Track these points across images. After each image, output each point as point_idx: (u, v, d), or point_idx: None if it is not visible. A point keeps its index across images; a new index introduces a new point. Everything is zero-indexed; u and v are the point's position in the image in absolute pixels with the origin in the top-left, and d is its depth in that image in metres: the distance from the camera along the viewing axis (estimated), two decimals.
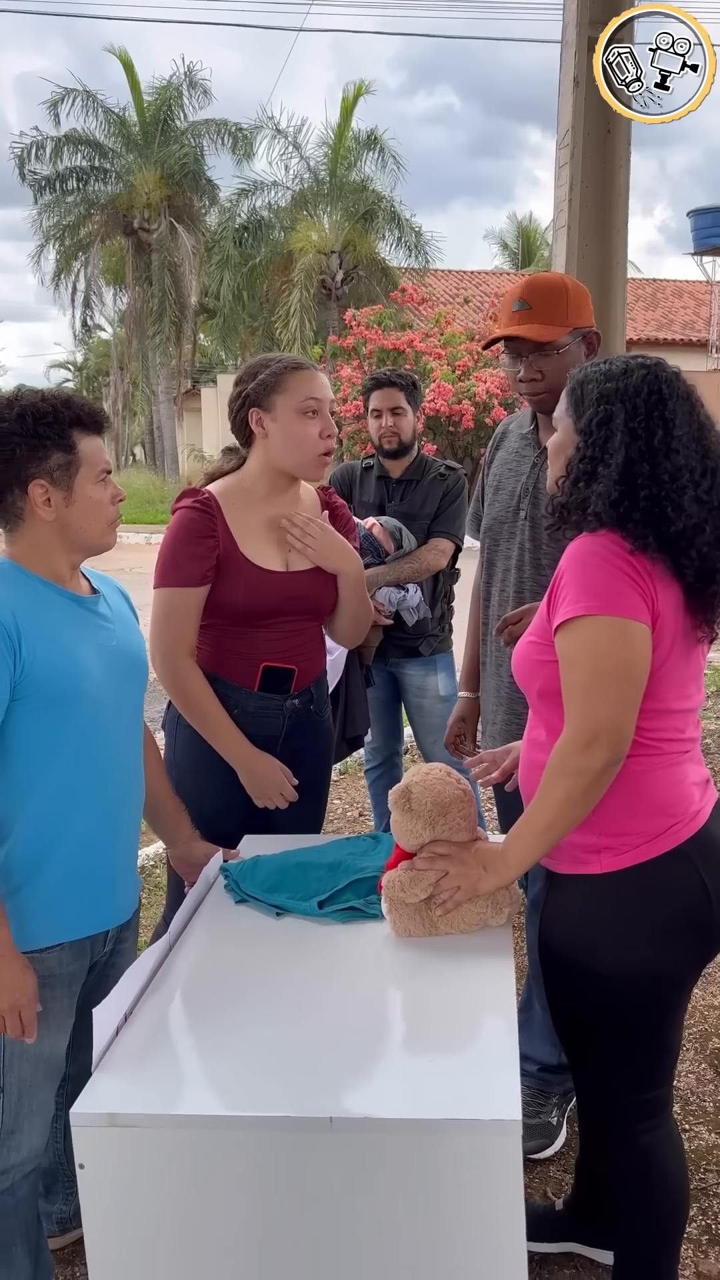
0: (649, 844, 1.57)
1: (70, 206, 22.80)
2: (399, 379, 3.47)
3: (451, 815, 1.67)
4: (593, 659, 1.49)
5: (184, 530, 2.13)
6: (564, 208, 4.57)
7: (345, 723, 3.10)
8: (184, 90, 22.67)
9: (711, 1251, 2.07)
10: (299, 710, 2.26)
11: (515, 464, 2.30)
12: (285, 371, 2.14)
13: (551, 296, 2.11)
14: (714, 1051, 2.74)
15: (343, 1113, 1.26)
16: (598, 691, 1.49)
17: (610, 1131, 1.73)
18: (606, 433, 1.54)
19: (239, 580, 2.14)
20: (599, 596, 1.49)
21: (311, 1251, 1.30)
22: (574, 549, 1.56)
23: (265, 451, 2.18)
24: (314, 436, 2.15)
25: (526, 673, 1.65)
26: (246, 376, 2.19)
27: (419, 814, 1.66)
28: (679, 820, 1.58)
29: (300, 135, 21.18)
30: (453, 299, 21.05)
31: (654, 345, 20.31)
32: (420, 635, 3.38)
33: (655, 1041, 1.65)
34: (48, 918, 1.71)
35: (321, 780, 2.42)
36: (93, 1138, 1.28)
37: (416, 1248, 1.27)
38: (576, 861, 1.61)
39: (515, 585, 2.26)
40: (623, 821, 1.57)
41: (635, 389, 1.55)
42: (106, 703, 1.74)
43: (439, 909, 1.66)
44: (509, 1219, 1.25)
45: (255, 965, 1.63)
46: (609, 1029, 1.63)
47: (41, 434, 1.67)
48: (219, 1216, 1.30)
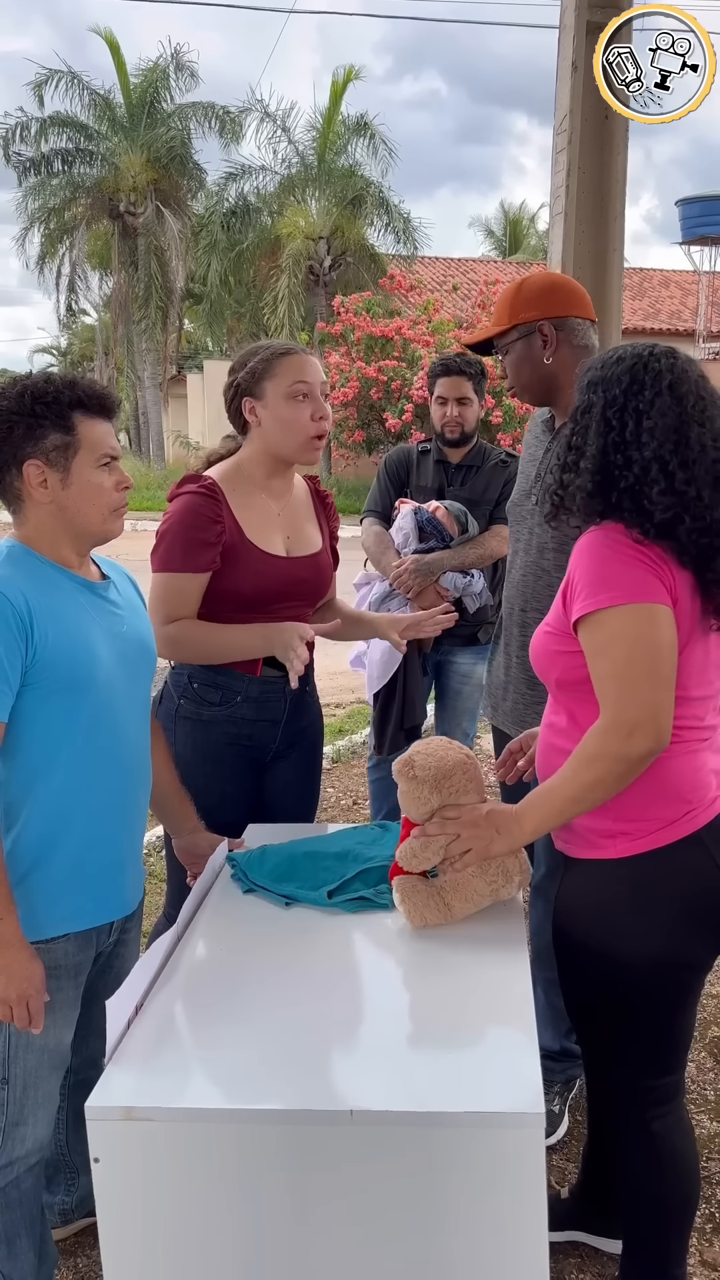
0: (665, 830, 1.57)
1: (55, 189, 22.53)
2: (468, 367, 3.36)
3: (456, 778, 1.67)
4: (624, 647, 1.49)
5: (191, 515, 2.11)
6: (561, 194, 4.54)
7: (404, 712, 3.14)
8: (170, 72, 22.43)
9: (716, 1239, 2.07)
10: (297, 691, 2.26)
11: (533, 449, 2.33)
12: (274, 358, 2.14)
13: (503, 299, 2.19)
14: (714, 1040, 2.74)
15: (362, 1106, 1.24)
16: (633, 679, 1.49)
17: (622, 1118, 1.73)
18: (587, 421, 1.56)
19: (247, 567, 2.13)
20: (617, 586, 1.49)
21: (330, 1245, 1.29)
22: (583, 542, 1.57)
23: (260, 438, 2.18)
24: (305, 420, 2.14)
25: (544, 662, 1.65)
26: (237, 367, 2.19)
27: (423, 780, 1.66)
28: (696, 807, 1.59)
29: (289, 119, 21.02)
30: (440, 286, 20.98)
31: (641, 335, 20.30)
32: (480, 622, 3.32)
33: (669, 1027, 1.65)
34: (55, 907, 1.68)
35: (317, 759, 2.44)
36: (108, 1131, 1.27)
37: (438, 1241, 1.26)
38: (591, 846, 1.61)
39: (522, 569, 2.28)
40: (640, 807, 1.57)
41: (617, 379, 1.56)
42: (116, 690, 1.72)
43: (448, 867, 1.65)
44: (531, 1212, 1.24)
45: (265, 956, 1.61)
46: (623, 1013, 1.63)
47: (39, 414, 1.64)
48: (236, 1210, 1.28)
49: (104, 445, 1.70)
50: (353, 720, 5.69)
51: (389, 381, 15.25)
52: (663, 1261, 1.74)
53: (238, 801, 2.21)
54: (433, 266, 23.31)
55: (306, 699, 2.33)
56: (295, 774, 2.33)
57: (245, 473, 2.20)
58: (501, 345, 2.18)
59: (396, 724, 3.15)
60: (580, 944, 1.64)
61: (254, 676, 2.19)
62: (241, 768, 2.23)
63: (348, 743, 5.25)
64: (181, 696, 2.21)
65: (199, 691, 2.19)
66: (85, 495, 1.69)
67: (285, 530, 2.22)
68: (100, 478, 1.70)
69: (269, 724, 2.23)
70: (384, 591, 3.19)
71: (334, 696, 6.15)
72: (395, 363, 15.35)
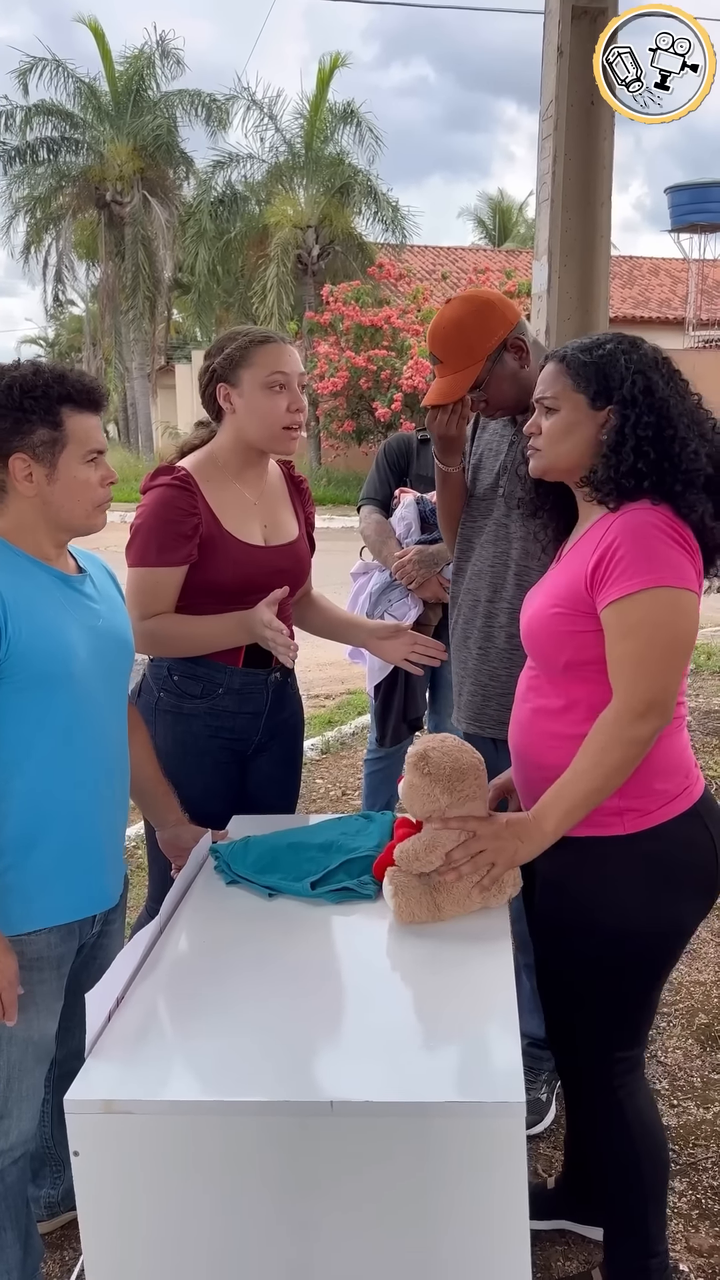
0: (669, 804, 1.62)
1: (41, 178, 22.36)
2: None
3: (468, 781, 1.65)
4: (653, 630, 1.52)
5: (166, 508, 2.08)
6: (547, 180, 4.52)
7: (406, 704, 3.13)
8: (156, 60, 22.27)
9: (702, 1226, 2.08)
10: (279, 683, 2.25)
11: (496, 443, 2.29)
12: (251, 346, 2.11)
13: (451, 343, 2.09)
14: (700, 1027, 2.75)
15: (343, 1096, 1.24)
16: (655, 663, 1.52)
17: (593, 1090, 1.76)
18: (651, 400, 1.58)
19: (226, 558, 2.11)
20: (660, 569, 1.52)
21: (312, 1237, 1.28)
22: (627, 521, 1.56)
23: (234, 426, 2.15)
24: (281, 410, 2.12)
25: (552, 644, 1.64)
26: (214, 351, 2.17)
27: (436, 777, 1.64)
28: (691, 782, 1.65)
29: (275, 107, 20.90)
30: (430, 275, 20.92)
31: (630, 323, 20.28)
32: None
33: (648, 995, 1.71)
34: (35, 902, 1.67)
35: (298, 750, 2.43)
36: (87, 1124, 1.26)
37: (419, 1231, 1.26)
38: (597, 825, 1.62)
39: (490, 560, 2.23)
40: (645, 783, 1.60)
41: (654, 359, 1.61)
42: (92, 684, 1.71)
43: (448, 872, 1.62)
44: (513, 1201, 1.24)
45: (248, 947, 1.61)
46: (613, 987, 1.66)
47: (27, 408, 1.62)
48: (217, 1203, 1.27)
49: (91, 440, 1.68)
50: (342, 711, 5.69)
51: (378, 371, 15.21)
52: (644, 1240, 1.76)
53: (220, 794, 2.19)
54: (422, 255, 23.24)
55: (288, 690, 2.32)
56: (277, 766, 2.31)
57: (220, 462, 2.17)
58: (482, 382, 2.09)
59: (399, 715, 3.13)
60: (573, 919, 1.65)
61: (236, 668, 2.17)
62: (223, 760, 2.21)
63: (337, 734, 5.24)
64: (161, 689, 2.19)
65: (179, 684, 2.17)
66: (71, 490, 1.67)
67: (262, 519, 2.20)
68: (86, 473, 1.68)
69: (251, 716, 2.21)
70: (384, 582, 3.14)
71: (324, 688, 6.15)
72: (385, 352, 15.31)
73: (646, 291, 23.43)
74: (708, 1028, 2.75)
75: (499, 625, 2.20)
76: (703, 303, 21.23)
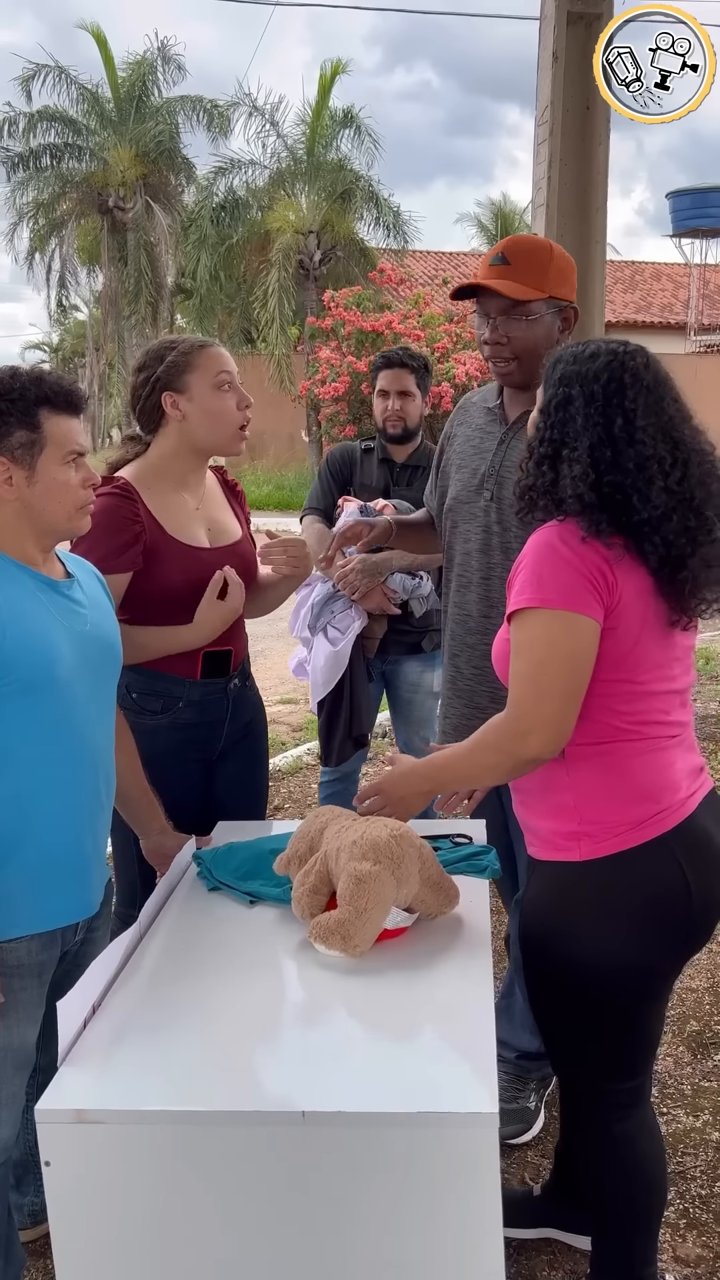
0: (630, 832, 1.54)
1: (44, 184, 22.41)
2: (411, 360, 3.24)
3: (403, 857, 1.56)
4: (541, 649, 1.49)
5: (106, 516, 2.03)
6: (543, 185, 4.52)
7: (351, 721, 3.02)
8: (158, 66, 22.33)
9: (689, 1235, 2.06)
10: (239, 689, 2.27)
11: (479, 441, 2.22)
12: (194, 350, 2.15)
13: (533, 257, 2.01)
14: (691, 1035, 2.73)
15: (315, 1106, 1.23)
16: (542, 686, 1.50)
17: (584, 1121, 1.72)
18: (564, 415, 1.53)
19: (174, 563, 2.12)
20: (547, 589, 1.48)
21: (283, 1247, 1.27)
22: (535, 538, 1.55)
23: (181, 433, 2.16)
24: (233, 409, 2.15)
25: (503, 665, 1.62)
26: (152, 362, 2.17)
27: (370, 917, 1.53)
28: (664, 809, 1.55)
29: (277, 113, 20.92)
30: (431, 280, 20.95)
31: (632, 328, 20.30)
32: (425, 629, 3.15)
33: (630, 1032, 1.63)
34: (17, 909, 1.66)
35: (263, 751, 2.43)
36: (58, 1134, 1.25)
37: (393, 1241, 1.25)
38: (556, 848, 1.59)
39: (480, 570, 2.18)
40: (604, 808, 1.54)
41: (595, 374, 1.53)
42: (79, 690, 1.70)
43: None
44: (486, 1211, 1.23)
45: (227, 955, 1.60)
46: (584, 1017, 1.61)
47: (5, 411, 1.62)
48: (190, 1214, 1.27)
49: (71, 442, 1.68)
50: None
51: None
52: (629, 1261, 1.73)
53: (186, 805, 2.18)
54: (424, 260, 23.26)
55: (247, 693, 2.33)
56: (242, 769, 2.33)
57: (160, 470, 2.17)
58: (523, 309, 1.98)
59: (344, 732, 3.02)
60: (543, 948, 1.62)
61: (194, 680, 2.18)
62: (188, 770, 2.22)
63: (306, 750, 5.20)
64: (120, 706, 2.18)
65: (138, 701, 2.17)
66: (51, 493, 1.67)
67: (205, 523, 2.22)
68: (67, 475, 1.68)
69: (212, 724, 2.23)
70: (327, 592, 3.04)
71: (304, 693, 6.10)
72: None
73: (648, 296, 23.43)
74: (698, 1035, 2.73)
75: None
76: (704, 307, 21.23)
